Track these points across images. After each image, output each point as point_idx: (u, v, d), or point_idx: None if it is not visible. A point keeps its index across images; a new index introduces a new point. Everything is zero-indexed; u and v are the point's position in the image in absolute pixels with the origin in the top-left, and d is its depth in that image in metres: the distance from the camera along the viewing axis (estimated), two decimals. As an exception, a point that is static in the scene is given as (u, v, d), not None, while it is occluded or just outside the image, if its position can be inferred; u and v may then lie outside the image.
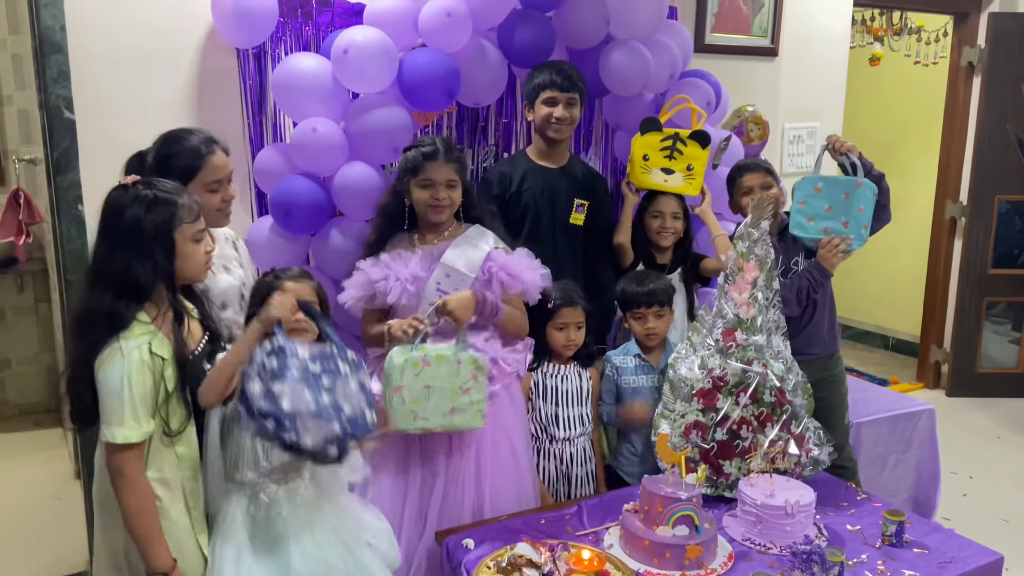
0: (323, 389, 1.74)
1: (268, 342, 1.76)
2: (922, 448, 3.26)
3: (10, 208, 3.85)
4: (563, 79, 2.64)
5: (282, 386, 1.69)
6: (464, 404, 2.19)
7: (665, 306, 2.56)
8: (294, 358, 1.73)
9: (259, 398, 1.67)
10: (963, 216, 4.87)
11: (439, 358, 2.17)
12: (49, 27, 2.42)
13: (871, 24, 5.44)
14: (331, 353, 1.82)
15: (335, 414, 1.73)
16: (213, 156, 2.05)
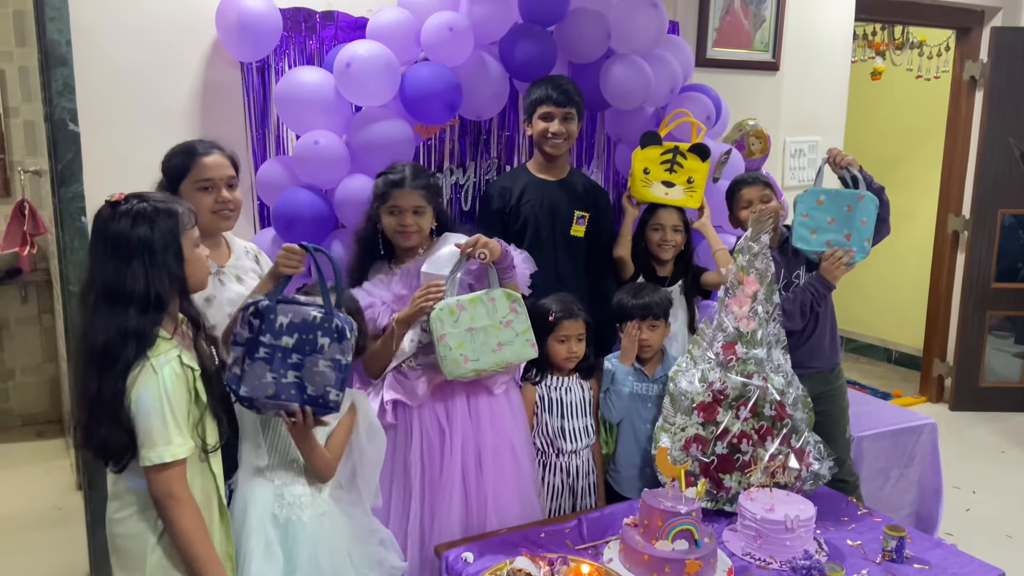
0: (290, 367, 1.80)
1: (255, 303, 1.82)
2: (924, 463, 3.24)
3: (15, 219, 3.88)
4: (559, 94, 2.65)
5: (249, 364, 1.79)
6: (509, 337, 2.27)
7: (660, 318, 2.56)
8: (268, 329, 1.80)
9: (231, 366, 1.81)
10: (966, 230, 4.87)
11: (472, 301, 2.24)
12: (55, 40, 2.45)
13: (872, 39, 5.45)
14: (314, 321, 1.82)
15: (297, 394, 1.82)
16: (207, 156, 2.06)
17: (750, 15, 3.67)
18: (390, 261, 2.39)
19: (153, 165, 2.57)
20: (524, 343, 2.30)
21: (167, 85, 2.64)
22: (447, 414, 2.32)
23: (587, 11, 2.87)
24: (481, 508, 2.33)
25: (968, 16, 4.68)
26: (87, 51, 2.51)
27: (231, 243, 2.23)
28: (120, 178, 2.55)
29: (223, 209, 2.09)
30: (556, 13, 2.85)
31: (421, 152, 2.93)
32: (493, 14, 2.71)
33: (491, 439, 2.35)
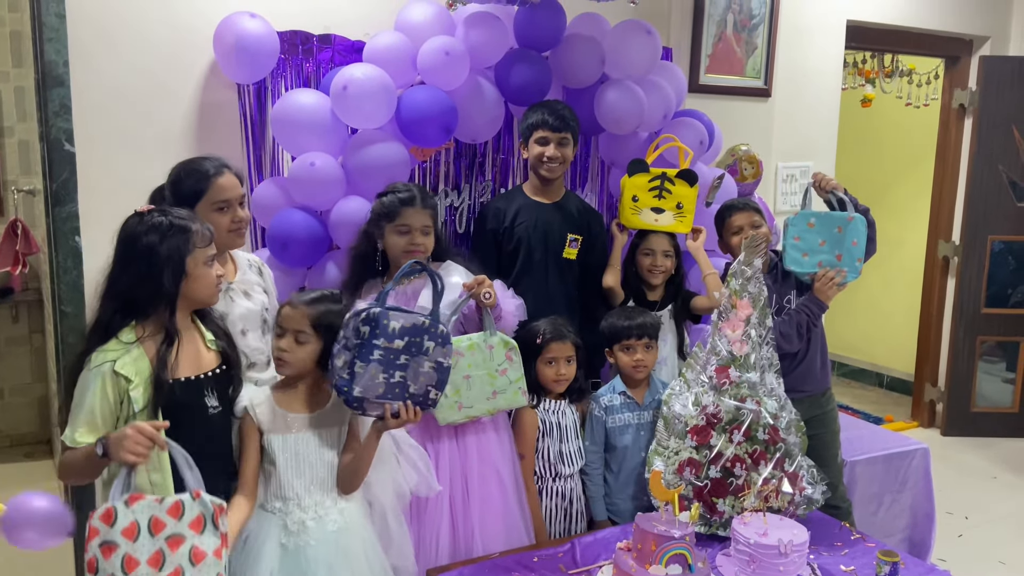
0: (397, 367, 1.95)
1: (366, 311, 1.92)
2: (916, 488, 3.25)
3: (7, 238, 3.88)
4: (555, 119, 2.68)
5: (362, 366, 1.91)
6: (503, 385, 2.33)
7: (653, 339, 2.57)
8: (383, 334, 1.93)
9: (340, 370, 1.91)
10: (956, 256, 4.91)
11: (471, 347, 2.29)
12: (52, 61, 2.46)
13: (863, 67, 5.52)
14: (422, 326, 1.99)
15: (400, 393, 1.96)
16: (220, 177, 2.11)
17: (742, 42, 3.72)
18: (384, 279, 2.39)
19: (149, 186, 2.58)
20: (517, 391, 2.36)
21: (164, 106, 2.66)
22: (433, 441, 2.31)
23: (582, 37, 2.90)
24: (468, 536, 2.32)
25: (957, 45, 4.75)
26: (84, 72, 2.52)
27: (236, 258, 2.26)
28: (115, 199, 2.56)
29: (238, 228, 2.16)
30: (551, 39, 2.88)
31: (417, 174, 2.95)
32: (489, 39, 2.74)
33: (478, 466, 2.36)
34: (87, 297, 2.49)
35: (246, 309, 2.17)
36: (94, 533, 1.56)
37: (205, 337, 1.92)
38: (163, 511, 1.60)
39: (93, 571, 1.56)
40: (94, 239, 2.55)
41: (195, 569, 1.62)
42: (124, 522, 1.57)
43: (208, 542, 1.64)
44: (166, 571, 1.59)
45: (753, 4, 3.70)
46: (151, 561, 1.58)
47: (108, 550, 1.55)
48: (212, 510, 1.66)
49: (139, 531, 1.58)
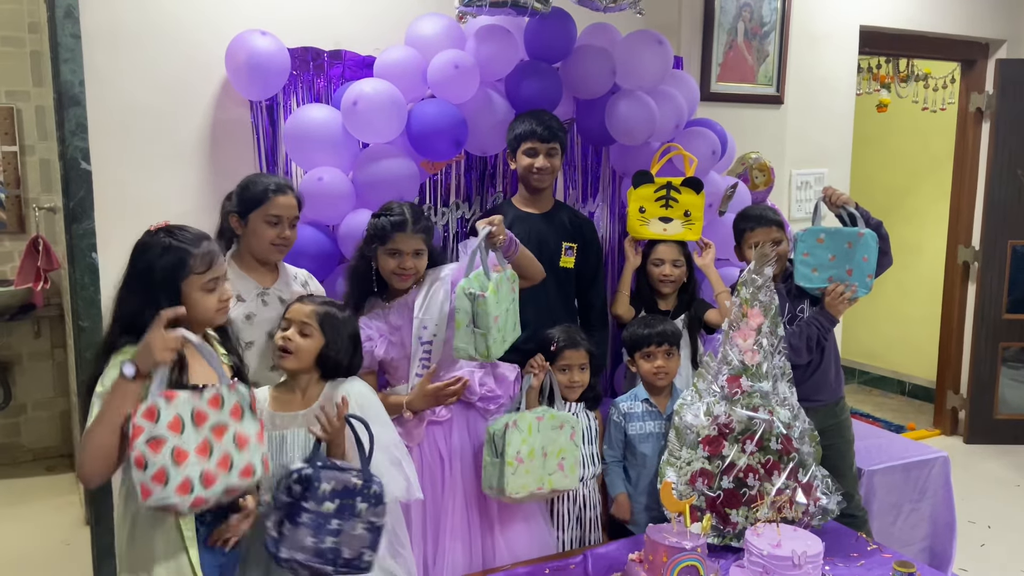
0: (328, 533, 1.84)
1: (299, 471, 1.85)
2: (937, 497, 3.20)
3: (29, 255, 3.94)
4: (544, 129, 2.66)
5: (291, 527, 1.82)
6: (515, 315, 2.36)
7: (674, 346, 2.58)
8: (312, 496, 1.82)
9: (270, 529, 1.84)
10: (976, 261, 4.85)
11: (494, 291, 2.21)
12: (68, 81, 2.50)
13: (877, 71, 5.49)
14: (354, 488, 1.88)
15: (333, 559, 1.85)
16: (280, 195, 2.27)
17: (753, 50, 3.71)
18: (383, 296, 2.42)
19: (164, 202, 2.64)
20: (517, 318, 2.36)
21: (178, 124, 2.69)
22: (447, 443, 2.33)
23: (592, 48, 2.91)
24: (487, 534, 2.33)
25: (973, 49, 4.71)
26: (100, 92, 2.56)
27: (281, 268, 2.38)
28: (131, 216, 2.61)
29: (282, 244, 2.29)
30: (562, 50, 2.89)
31: (427, 187, 2.97)
32: (499, 52, 2.75)
33: None
34: (104, 312, 2.53)
35: (277, 314, 2.24)
36: (139, 431, 1.60)
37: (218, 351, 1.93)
38: (204, 403, 1.68)
39: (142, 467, 1.59)
40: (110, 255, 2.58)
41: (241, 454, 1.71)
42: (167, 416, 1.62)
43: (249, 428, 1.74)
44: (215, 459, 1.67)
45: (764, 11, 3.69)
46: (199, 451, 1.65)
47: (156, 444, 1.60)
48: (248, 398, 1.75)
49: (183, 424, 1.64)
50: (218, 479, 1.66)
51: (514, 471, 2.20)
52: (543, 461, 2.29)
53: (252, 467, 1.73)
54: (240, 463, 1.70)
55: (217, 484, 1.66)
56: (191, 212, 2.63)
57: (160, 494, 1.60)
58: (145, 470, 1.59)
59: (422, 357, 2.33)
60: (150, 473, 1.59)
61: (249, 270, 2.30)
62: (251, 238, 2.26)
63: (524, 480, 2.24)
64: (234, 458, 1.69)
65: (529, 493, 2.27)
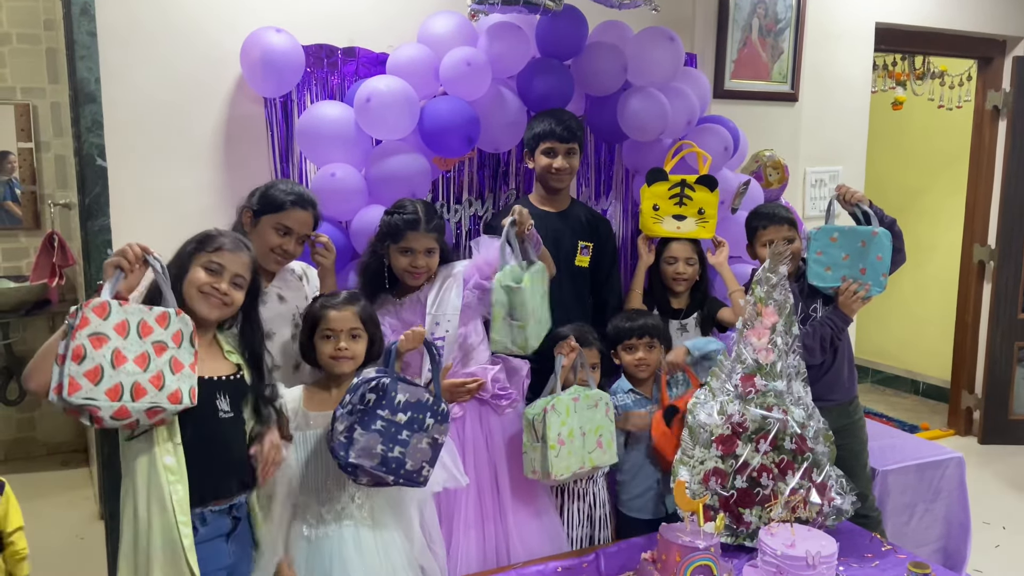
0: (397, 443, 1.94)
1: (377, 379, 1.93)
2: (951, 497, 3.18)
3: (44, 251, 3.96)
4: (563, 130, 2.66)
5: (362, 433, 1.91)
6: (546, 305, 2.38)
7: (655, 339, 2.58)
8: (388, 405, 1.93)
9: (339, 433, 1.91)
10: (991, 260, 4.81)
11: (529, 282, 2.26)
12: (84, 78, 2.51)
13: (893, 69, 5.45)
14: (426, 403, 2.00)
15: (396, 468, 1.95)
16: (298, 209, 2.27)
17: (768, 47, 3.69)
18: (394, 292, 2.42)
19: (178, 198, 2.65)
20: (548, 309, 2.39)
21: (193, 121, 2.70)
22: (459, 435, 2.33)
23: (604, 45, 2.90)
24: (500, 528, 2.33)
25: (989, 46, 4.66)
26: (116, 88, 2.57)
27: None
28: (146, 212, 2.63)
29: (281, 256, 2.28)
30: (573, 47, 2.88)
31: (440, 184, 2.97)
32: (511, 49, 2.75)
33: (506, 459, 2.39)
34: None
35: (275, 313, 2.26)
36: (85, 323, 1.63)
37: (224, 348, 1.96)
38: (152, 317, 1.73)
39: (78, 359, 1.60)
40: (125, 252, 2.60)
41: (174, 377, 1.73)
42: (116, 318, 1.67)
43: (185, 356, 1.76)
44: (149, 373, 1.69)
45: (779, 8, 3.67)
46: (138, 360, 1.68)
47: (99, 341, 1.63)
48: (191, 328, 1.78)
49: (129, 329, 1.68)
50: (147, 393, 1.68)
51: (557, 454, 2.21)
52: (583, 440, 2.30)
53: (180, 393, 1.73)
54: (171, 386, 1.72)
55: (144, 399, 1.68)
56: (205, 208, 2.64)
57: (88, 391, 1.61)
58: (80, 363, 1.60)
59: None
60: (84, 367, 1.61)
61: None
62: (256, 239, 2.23)
63: (567, 461, 2.25)
64: (166, 378, 1.71)
65: (572, 473, 2.29)
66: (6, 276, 4.39)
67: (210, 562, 1.82)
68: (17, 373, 4.44)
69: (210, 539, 1.84)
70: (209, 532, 1.84)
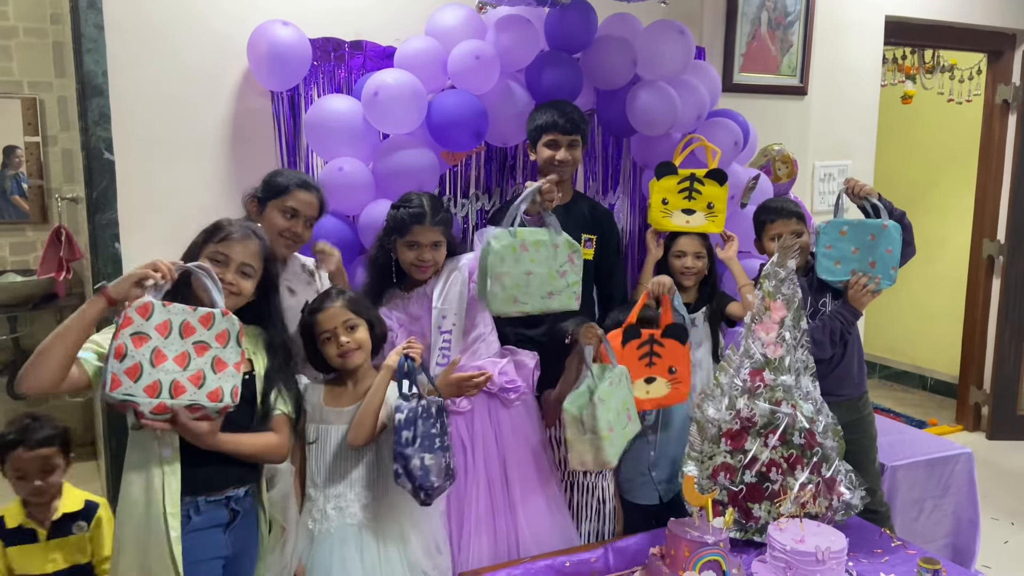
0: (444, 450, 2.03)
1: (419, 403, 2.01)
2: (960, 493, 3.16)
3: (52, 245, 3.96)
4: (566, 121, 2.63)
5: (431, 458, 1.98)
6: (560, 287, 2.29)
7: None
8: (432, 422, 2.01)
9: (417, 470, 1.97)
10: (1001, 255, 4.79)
11: (537, 244, 2.24)
12: (91, 71, 2.51)
13: (903, 63, 5.41)
14: (443, 406, 2.08)
15: (451, 473, 2.06)
16: (302, 191, 2.30)
17: (777, 40, 3.66)
18: (402, 286, 2.42)
19: (186, 192, 2.65)
20: (571, 295, 2.31)
21: (200, 115, 2.70)
22: (468, 429, 2.32)
23: (613, 38, 2.88)
24: (511, 522, 2.33)
25: (999, 39, 4.63)
26: (123, 82, 2.57)
27: (290, 258, 2.39)
28: (154, 206, 2.63)
29: (290, 238, 2.30)
30: (582, 40, 2.86)
31: (448, 178, 2.96)
32: (519, 42, 2.73)
33: (515, 449, 2.38)
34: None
35: (286, 306, 2.23)
36: (128, 322, 1.66)
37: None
38: (195, 318, 1.75)
39: (120, 357, 1.65)
40: (133, 245, 2.60)
41: (216, 376, 1.75)
42: (159, 318, 1.70)
43: (230, 356, 1.78)
44: (190, 372, 1.72)
45: (788, 1, 3.65)
46: (178, 359, 1.71)
47: (140, 340, 1.67)
48: (237, 328, 1.79)
49: (171, 329, 1.71)
50: (186, 391, 1.71)
51: (611, 442, 2.19)
52: (620, 420, 2.29)
53: (221, 391, 1.76)
54: (211, 384, 1.74)
55: (183, 397, 1.71)
56: (213, 202, 2.63)
57: (128, 388, 1.64)
58: (122, 361, 1.64)
59: (442, 346, 2.33)
60: (125, 365, 1.65)
61: None
62: (264, 226, 2.24)
63: (617, 446, 2.24)
64: (207, 377, 1.74)
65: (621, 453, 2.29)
66: (13, 270, 4.39)
67: (204, 550, 1.83)
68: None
69: (204, 528, 1.85)
70: (203, 521, 1.85)
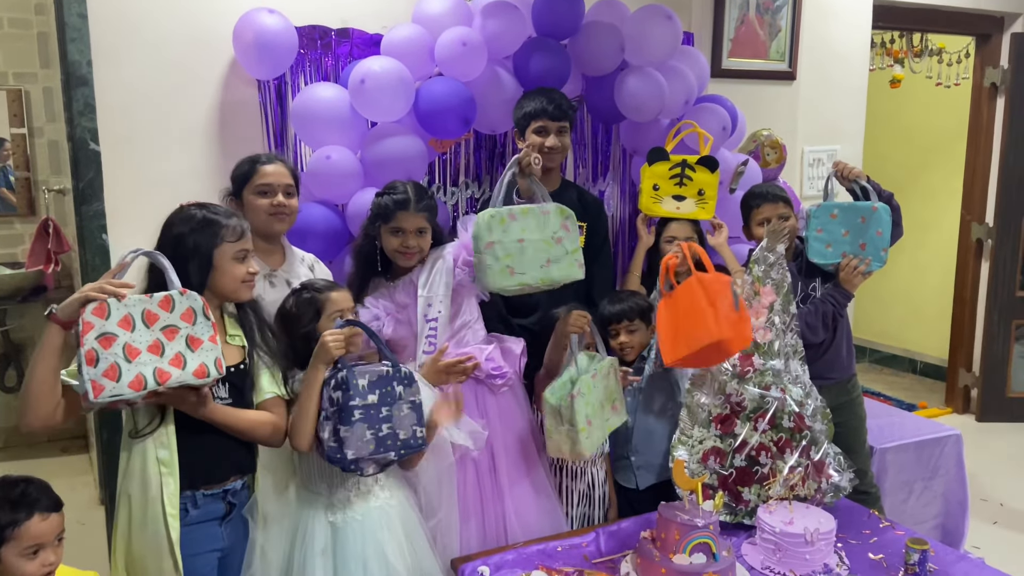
0: (382, 421, 1.93)
1: (333, 376, 1.91)
2: (949, 475, 3.19)
3: (39, 237, 3.93)
4: (554, 108, 2.62)
5: (347, 430, 1.88)
6: (559, 254, 2.23)
7: (636, 320, 2.57)
8: (356, 393, 1.90)
9: (328, 440, 1.90)
10: (989, 238, 4.81)
11: (524, 212, 2.21)
12: (76, 61, 2.49)
13: (891, 46, 5.42)
14: (387, 374, 1.97)
15: (393, 443, 1.94)
16: (267, 165, 2.27)
17: (765, 25, 3.66)
18: (387, 275, 2.41)
19: (173, 182, 2.63)
20: (572, 262, 2.26)
21: (186, 104, 2.68)
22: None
23: (601, 24, 2.87)
24: (499, 508, 2.34)
25: (987, 22, 4.64)
26: (108, 72, 2.55)
27: (287, 250, 2.37)
28: (141, 196, 2.62)
29: (279, 212, 2.27)
30: (570, 26, 2.86)
31: (436, 166, 2.95)
32: (507, 28, 2.72)
33: (502, 436, 2.38)
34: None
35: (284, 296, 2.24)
36: (88, 327, 1.62)
37: (228, 332, 1.94)
38: (154, 304, 1.71)
39: (93, 363, 1.61)
40: (121, 236, 2.59)
41: (195, 354, 1.73)
42: (118, 315, 1.66)
43: (202, 331, 1.76)
44: (168, 356, 1.70)
45: (776, -14, 3.64)
46: (151, 348, 1.68)
47: (107, 341, 1.63)
48: (201, 303, 1.77)
49: (134, 323, 1.68)
50: (172, 376, 1.69)
51: (588, 435, 2.19)
52: (602, 412, 2.29)
53: (206, 367, 1.74)
54: (193, 363, 1.72)
55: (171, 381, 1.69)
56: (200, 192, 2.59)
57: (113, 389, 1.61)
58: (96, 366, 1.61)
59: (428, 335, 2.32)
60: (101, 369, 1.61)
61: (255, 252, 2.26)
62: (249, 215, 2.21)
63: (595, 437, 2.24)
64: (187, 358, 1.72)
65: (598, 446, 2.29)
66: (2, 263, 4.37)
67: (202, 544, 1.84)
68: (15, 360, 4.44)
69: (202, 522, 1.86)
70: (201, 515, 1.86)
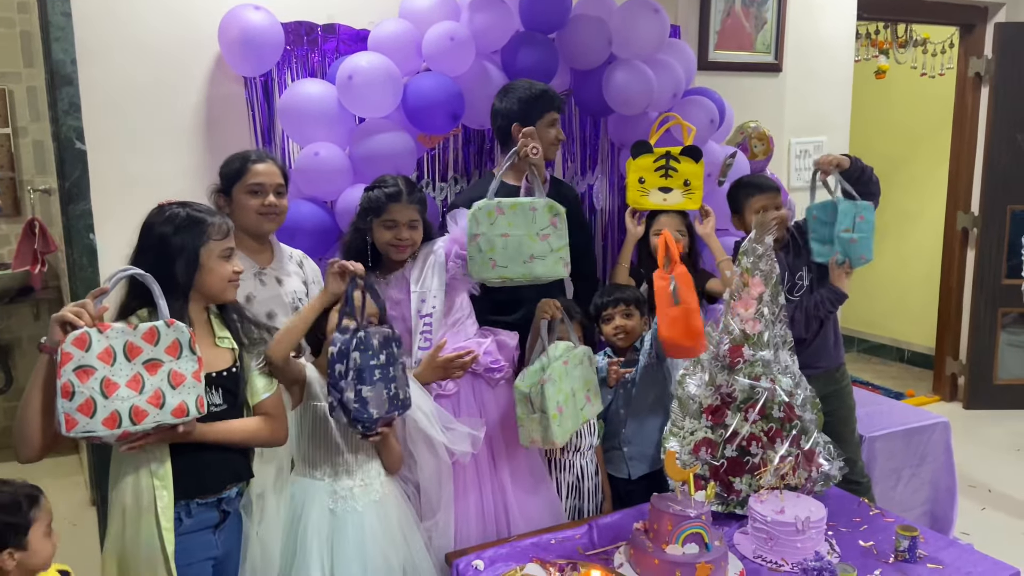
0: (392, 380, 1.97)
1: (354, 336, 1.91)
2: (937, 462, 3.22)
3: (26, 237, 3.91)
4: (559, 101, 2.64)
5: (370, 389, 1.91)
6: (543, 251, 2.24)
7: (631, 306, 2.59)
8: (374, 353, 1.92)
9: (352, 402, 1.90)
10: (975, 227, 4.85)
11: (513, 206, 2.23)
12: (60, 60, 2.47)
13: (876, 37, 5.44)
14: (389, 335, 1.99)
15: (396, 403, 1.99)
16: (258, 164, 2.25)
17: (751, 17, 3.67)
18: (377, 271, 2.41)
19: (160, 181, 2.62)
20: (557, 260, 2.26)
21: (172, 102, 2.67)
22: (455, 410, 2.34)
23: (588, 17, 2.88)
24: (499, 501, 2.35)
25: (971, 12, 4.67)
26: (92, 70, 2.53)
27: (276, 248, 2.36)
28: (128, 195, 2.61)
29: (269, 212, 2.25)
30: (557, 20, 2.86)
31: (425, 162, 2.95)
32: (494, 23, 2.72)
33: (501, 432, 2.39)
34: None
35: (274, 294, 2.26)
36: (67, 358, 1.56)
37: (216, 335, 1.90)
38: (137, 337, 1.65)
39: (68, 396, 1.56)
40: (108, 236, 2.58)
41: (176, 392, 1.68)
42: (99, 347, 1.60)
43: (186, 366, 1.70)
44: (146, 394, 1.64)
45: (761, -22, 3.66)
46: (131, 384, 1.63)
47: (85, 374, 1.58)
48: (188, 336, 1.71)
49: (115, 356, 1.62)
50: (148, 415, 1.64)
51: (559, 422, 2.19)
52: (574, 400, 2.29)
53: (185, 406, 1.68)
54: (173, 401, 1.67)
55: (147, 420, 1.64)
56: (187, 190, 2.59)
57: (86, 425, 1.56)
58: (71, 399, 1.55)
59: (423, 330, 2.32)
60: (76, 403, 1.56)
61: (245, 250, 2.26)
62: (239, 213, 2.22)
63: (567, 425, 2.24)
64: (166, 395, 1.66)
65: (570, 435, 2.29)
66: (-12, 264, 4.34)
67: (195, 553, 1.82)
68: (3, 362, 4.41)
69: (195, 530, 1.83)
70: (194, 524, 1.83)
